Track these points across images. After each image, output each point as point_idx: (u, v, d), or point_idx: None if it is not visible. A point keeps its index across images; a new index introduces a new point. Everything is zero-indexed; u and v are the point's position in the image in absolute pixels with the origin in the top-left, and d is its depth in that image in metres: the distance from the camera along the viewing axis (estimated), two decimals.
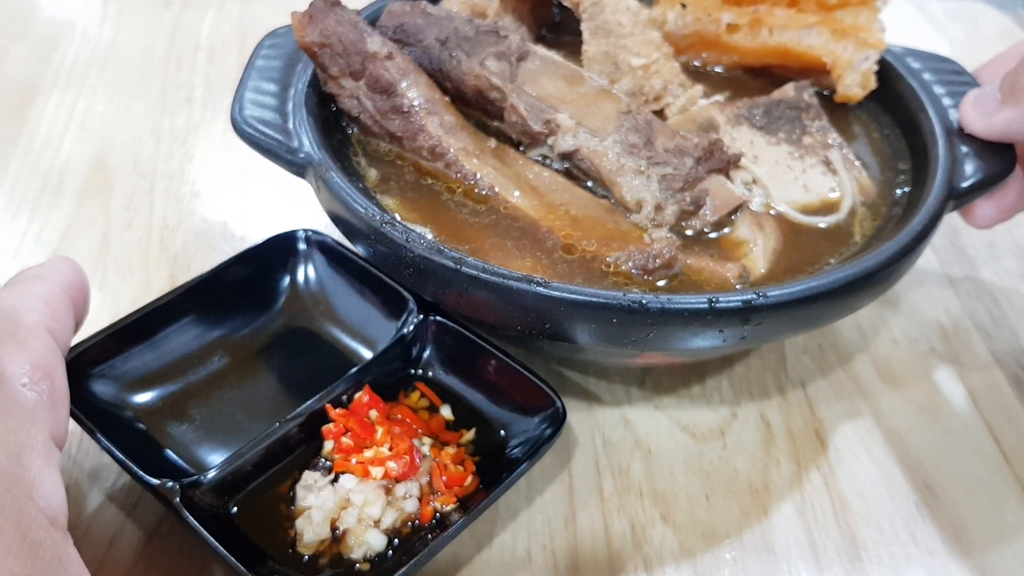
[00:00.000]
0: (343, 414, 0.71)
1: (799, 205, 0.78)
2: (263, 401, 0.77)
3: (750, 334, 0.66)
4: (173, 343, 0.78)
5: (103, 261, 0.94)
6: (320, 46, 0.81)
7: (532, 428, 0.71)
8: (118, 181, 1.05)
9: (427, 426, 0.73)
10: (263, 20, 1.34)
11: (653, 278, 0.71)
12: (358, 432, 0.69)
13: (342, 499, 0.66)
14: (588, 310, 0.64)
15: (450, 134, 0.80)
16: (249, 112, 0.78)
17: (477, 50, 0.83)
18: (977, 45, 1.39)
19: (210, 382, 0.78)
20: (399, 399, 0.75)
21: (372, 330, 0.80)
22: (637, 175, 0.76)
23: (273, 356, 0.80)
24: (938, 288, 0.96)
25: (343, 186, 0.72)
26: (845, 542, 0.72)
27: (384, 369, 0.75)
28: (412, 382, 0.77)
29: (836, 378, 0.86)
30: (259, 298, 0.83)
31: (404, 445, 0.69)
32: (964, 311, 0.94)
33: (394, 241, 0.68)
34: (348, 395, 0.72)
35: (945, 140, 0.80)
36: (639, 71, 0.85)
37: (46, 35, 1.30)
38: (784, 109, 0.84)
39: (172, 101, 1.19)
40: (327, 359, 0.80)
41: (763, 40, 0.91)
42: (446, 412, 0.75)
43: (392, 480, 0.67)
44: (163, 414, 0.74)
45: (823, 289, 0.66)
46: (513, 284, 0.65)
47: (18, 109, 1.15)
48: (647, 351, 0.67)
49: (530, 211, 0.76)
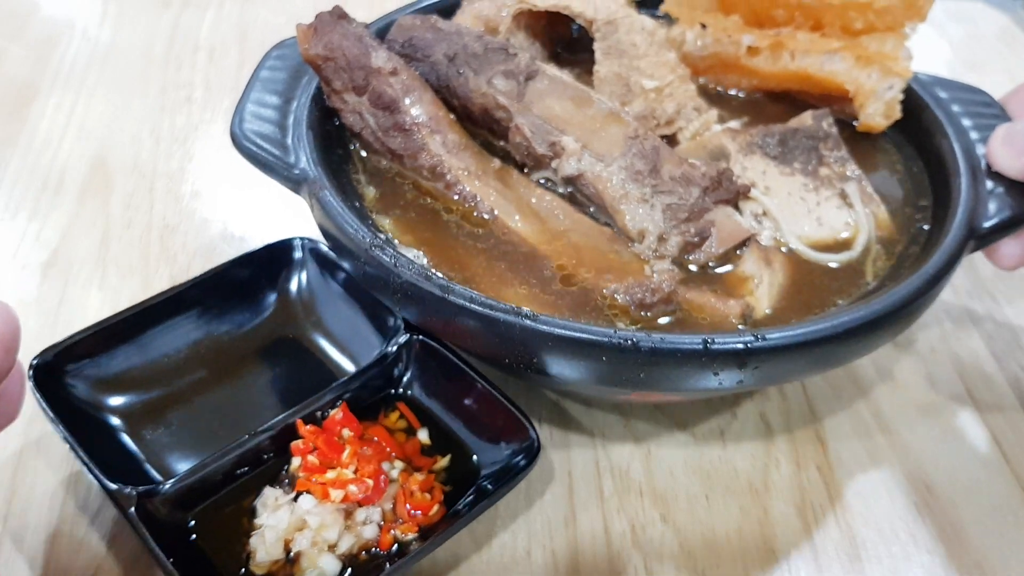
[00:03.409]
0: (313, 431, 0.69)
1: (811, 240, 0.75)
2: (243, 410, 0.76)
3: (748, 378, 0.63)
4: (160, 345, 0.78)
5: (103, 261, 0.94)
6: (324, 59, 0.79)
7: (506, 459, 0.69)
8: (118, 181, 1.05)
9: (401, 449, 0.71)
10: (263, 20, 1.35)
11: (650, 314, 0.68)
12: (324, 451, 0.68)
13: (298, 519, 0.64)
14: (577, 347, 0.62)
15: (452, 154, 0.78)
16: (249, 125, 0.77)
17: (485, 67, 0.81)
18: (977, 45, 1.36)
19: (193, 387, 0.77)
20: (379, 418, 0.74)
21: (358, 345, 0.79)
22: (641, 203, 0.73)
23: (259, 364, 0.80)
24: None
25: (335, 205, 0.70)
26: (845, 542, 0.72)
27: (364, 387, 0.73)
28: (394, 401, 0.75)
29: (836, 378, 0.84)
30: (250, 304, 0.82)
31: (371, 468, 0.67)
32: (964, 311, 0.93)
33: (382, 265, 0.67)
34: (323, 411, 0.71)
35: (969, 176, 0.76)
36: (651, 94, 0.82)
37: (46, 35, 1.30)
38: (801, 138, 0.81)
39: (172, 101, 1.19)
40: (312, 371, 0.79)
41: (784, 64, 0.87)
42: (423, 436, 0.73)
43: (353, 504, 0.66)
44: (142, 417, 0.74)
45: (827, 333, 0.63)
46: (500, 316, 0.63)
47: (17, 109, 1.15)
48: (638, 391, 0.65)
49: (529, 237, 0.74)
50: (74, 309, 0.89)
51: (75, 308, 0.89)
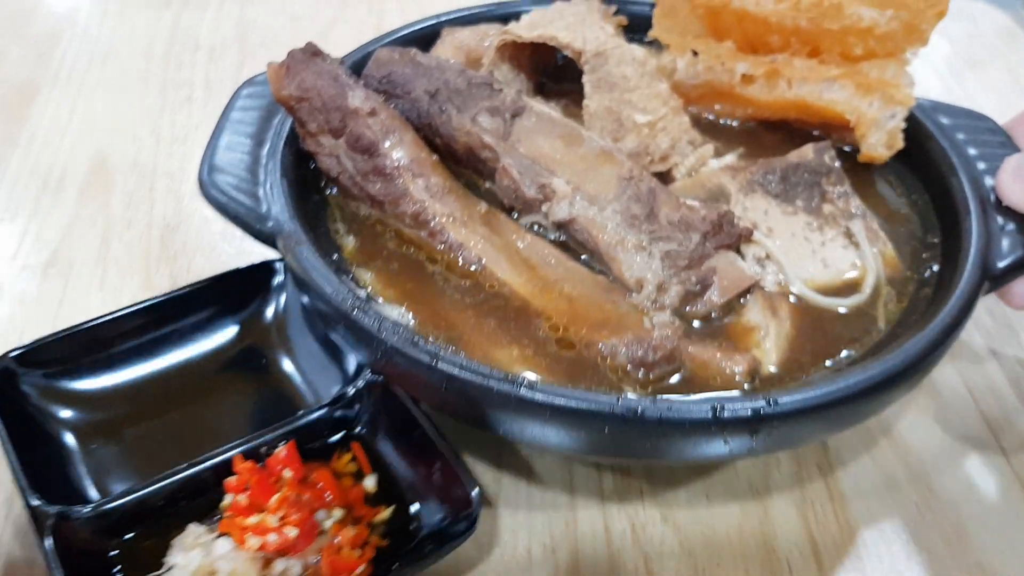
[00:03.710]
0: (250, 469, 0.65)
1: (817, 284, 0.71)
2: (201, 435, 0.72)
3: (760, 445, 0.59)
4: (126, 359, 0.75)
5: (103, 261, 0.94)
6: (298, 100, 0.74)
7: (447, 521, 0.66)
8: (118, 180, 1.04)
9: (344, 496, 0.67)
10: (262, 20, 1.34)
11: (652, 373, 0.64)
12: (255, 492, 0.64)
13: (210, 563, 0.60)
14: (577, 417, 0.58)
15: (436, 198, 0.74)
16: (218, 174, 0.72)
17: (469, 104, 0.77)
18: (977, 44, 1.34)
19: (155, 406, 0.74)
20: (331, 458, 0.70)
21: (326, 378, 0.76)
22: (638, 251, 0.69)
23: (225, 388, 0.77)
24: None
25: (313, 263, 0.66)
26: (845, 541, 0.71)
27: (316, 426, 0.70)
28: (349, 441, 0.72)
29: None
30: (224, 326, 0.80)
31: (301, 516, 0.63)
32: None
33: (365, 329, 0.62)
34: (269, 448, 0.67)
35: (979, 212, 0.73)
36: (644, 128, 0.78)
37: (46, 34, 1.29)
38: (802, 174, 0.77)
39: (172, 100, 1.18)
40: (277, 400, 0.76)
41: (781, 93, 0.83)
42: (369, 483, 0.69)
43: (274, 553, 0.61)
44: (96, 432, 0.71)
45: (842, 395, 0.59)
46: (494, 385, 0.58)
47: (18, 108, 1.14)
48: (643, 460, 0.61)
49: (520, 288, 0.70)
50: (75, 309, 0.87)
51: (76, 308, 0.88)
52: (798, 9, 0.80)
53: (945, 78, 1.26)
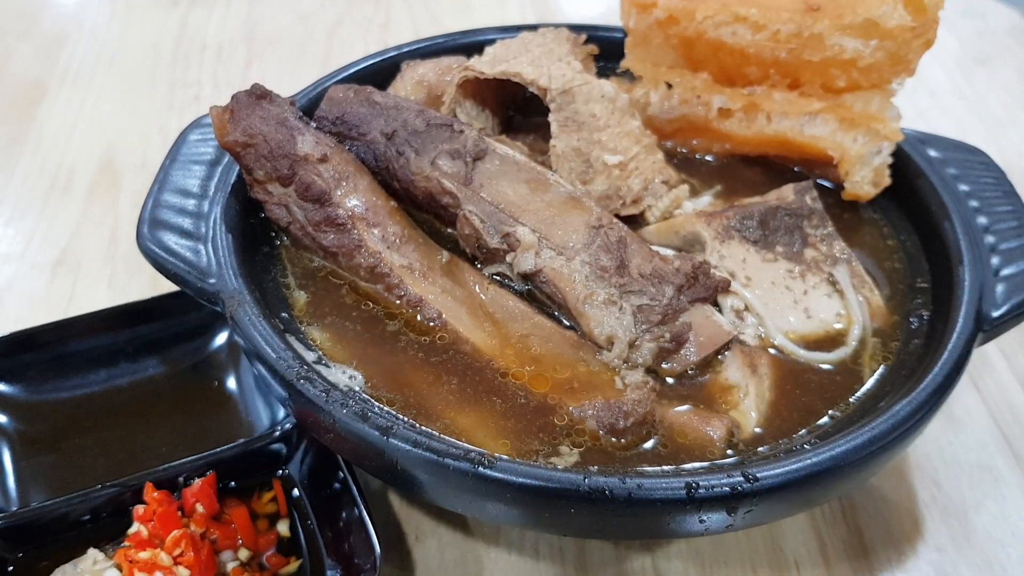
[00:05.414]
0: (161, 499, 0.62)
1: (799, 336, 0.67)
2: (137, 453, 0.71)
3: (739, 521, 0.55)
4: (76, 366, 0.74)
5: (112, 259, 0.93)
6: (244, 146, 0.69)
7: None
8: (126, 179, 1.03)
9: (255, 540, 0.65)
10: (270, 19, 1.32)
11: (623, 440, 0.59)
12: (157, 525, 0.61)
13: None
14: (541, 498, 0.53)
15: (393, 249, 0.69)
16: (159, 230, 0.67)
17: (428, 147, 0.72)
18: (986, 42, 1.31)
19: (95, 418, 0.72)
20: (253, 496, 0.68)
21: (267, 411, 0.74)
22: (608, 305, 0.64)
23: (173, 408, 0.75)
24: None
25: (258, 327, 0.61)
26: (853, 540, 0.70)
27: (244, 460, 0.68)
28: (272, 480, 0.69)
29: None
30: (179, 344, 0.78)
31: (199, 557, 0.60)
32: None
33: (311, 401, 0.57)
34: (187, 479, 0.65)
35: (972, 256, 0.68)
36: (615, 170, 0.74)
37: (54, 34, 1.28)
38: (782, 217, 0.72)
39: (180, 99, 1.17)
40: (218, 426, 0.74)
41: (760, 128, 0.79)
42: (283, 528, 0.67)
43: None
44: (34, 440, 0.70)
45: (826, 466, 0.54)
46: (451, 464, 0.54)
47: (26, 108, 1.13)
48: (614, 539, 0.56)
49: (483, 346, 0.65)
50: (84, 307, 0.84)
51: (85, 306, 0.85)
52: (777, 40, 0.75)
53: (953, 75, 1.23)
